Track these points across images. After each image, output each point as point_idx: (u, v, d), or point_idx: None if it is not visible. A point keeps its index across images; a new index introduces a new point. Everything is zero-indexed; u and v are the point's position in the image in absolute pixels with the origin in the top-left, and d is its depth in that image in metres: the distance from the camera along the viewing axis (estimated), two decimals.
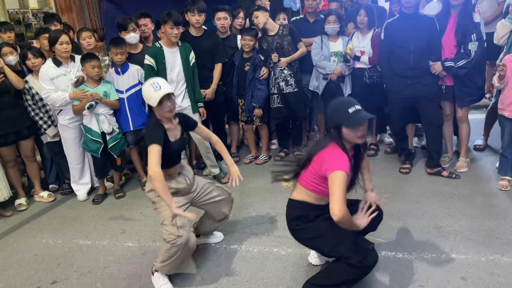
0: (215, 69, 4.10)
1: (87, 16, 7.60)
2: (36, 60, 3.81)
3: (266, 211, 3.44)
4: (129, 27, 3.97)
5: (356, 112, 2.11)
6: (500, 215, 3.04)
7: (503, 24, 3.53)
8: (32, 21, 9.96)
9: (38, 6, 10.39)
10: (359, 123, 2.10)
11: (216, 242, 3.04)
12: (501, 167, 3.45)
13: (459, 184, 3.58)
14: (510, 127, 3.29)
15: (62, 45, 3.68)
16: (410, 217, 3.15)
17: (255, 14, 4.11)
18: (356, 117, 2.10)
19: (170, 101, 2.48)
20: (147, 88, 2.49)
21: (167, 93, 2.44)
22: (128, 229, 3.37)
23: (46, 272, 2.89)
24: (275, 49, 4.16)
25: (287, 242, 2.96)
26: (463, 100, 3.63)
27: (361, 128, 2.12)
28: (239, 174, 2.72)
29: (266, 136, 4.59)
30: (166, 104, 2.46)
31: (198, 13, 3.85)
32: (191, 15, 3.88)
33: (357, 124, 2.11)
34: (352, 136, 2.13)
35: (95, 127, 3.81)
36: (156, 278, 2.61)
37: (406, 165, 3.95)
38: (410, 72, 3.61)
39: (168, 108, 2.47)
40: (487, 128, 4.30)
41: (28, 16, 10.07)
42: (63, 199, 4.11)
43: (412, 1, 3.54)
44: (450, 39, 3.52)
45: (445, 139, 3.99)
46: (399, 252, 2.72)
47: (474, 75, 3.52)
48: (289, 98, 4.23)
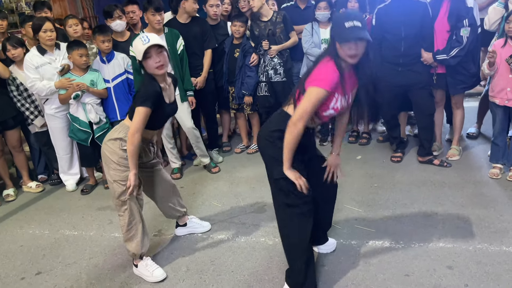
0: (205, 55, 4.02)
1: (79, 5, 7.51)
2: (15, 51, 3.73)
3: (254, 200, 3.41)
4: (115, 14, 3.89)
5: (351, 28, 1.90)
6: (490, 204, 3.01)
7: (495, 9, 3.46)
8: (26, 10, 9.83)
9: None
10: (347, 39, 1.91)
11: (203, 232, 3.00)
12: (492, 155, 3.42)
13: (450, 172, 3.55)
14: (501, 115, 3.25)
15: (46, 33, 3.61)
16: (399, 206, 3.11)
17: None
18: (348, 32, 1.91)
19: (160, 56, 2.30)
20: (136, 42, 2.34)
21: (153, 44, 2.27)
22: (116, 220, 3.33)
23: (32, 263, 2.87)
24: (266, 36, 4.09)
25: (275, 231, 2.91)
26: (455, 87, 3.57)
27: (352, 46, 1.93)
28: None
29: (257, 125, 4.53)
30: (154, 58, 2.29)
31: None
32: (193, 2, 3.80)
33: (345, 40, 1.92)
34: (343, 54, 1.95)
35: (82, 117, 3.75)
36: (142, 268, 2.57)
37: (398, 154, 3.91)
38: (401, 59, 3.55)
39: (156, 64, 2.29)
40: (481, 116, 4.26)
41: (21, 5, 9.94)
42: (51, 190, 4.07)
43: None
44: (443, 24, 3.45)
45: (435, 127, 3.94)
46: (386, 241, 2.69)
47: (467, 62, 3.46)
48: (277, 87, 4.18)
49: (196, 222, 3.02)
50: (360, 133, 4.55)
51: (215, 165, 4.12)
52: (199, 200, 3.52)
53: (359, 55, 1.97)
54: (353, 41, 1.92)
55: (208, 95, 4.18)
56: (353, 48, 1.94)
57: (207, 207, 3.38)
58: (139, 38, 2.33)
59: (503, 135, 3.32)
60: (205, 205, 3.42)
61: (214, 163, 4.14)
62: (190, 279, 2.53)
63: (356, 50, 1.94)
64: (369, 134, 4.49)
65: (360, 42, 1.94)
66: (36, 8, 4.54)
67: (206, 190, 3.69)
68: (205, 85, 4.07)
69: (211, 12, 4.08)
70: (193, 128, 3.90)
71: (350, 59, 1.97)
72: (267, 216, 3.15)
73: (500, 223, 2.77)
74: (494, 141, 3.36)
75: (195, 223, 3.02)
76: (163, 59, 2.32)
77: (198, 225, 3.02)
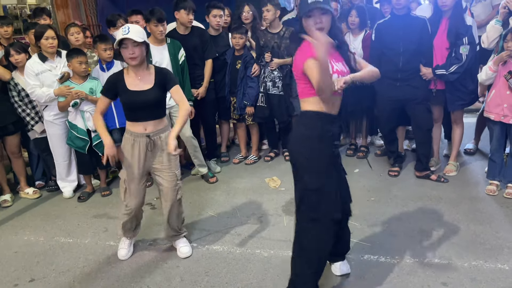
0: (205, 66, 4.05)
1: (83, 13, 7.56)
2: (19, 56, 3.76)
3: (251, 211, 3.41)
4: (118, 23, 3.95)
5: (313, 2, 2.02)
6: (485, 220, 3.01)
7: (493, 27, 3.48)
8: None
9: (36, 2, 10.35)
10: (310, 11, 2.02)
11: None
12: (489, 172, 3.42)
13: (447, 188, 3.55)
14: (498, 131, 3.27)
15: (47, 40, 3.64)
16: (395, 220, 3.11)
17: (267, 7, 4.04)
18: (310, 5, 2.03)
19: (135, 49, 2.42)
20: (118, 31, 2.48)
21: (127, 38, 2.38)
22: (111, 228, 3.33)
23: (25, 269, 2.86)
24: (271, 48, 4.12)
25: (270, 243, 2.92)
26: (454, 104, 3.59)
27: (316, 20, 2.03)
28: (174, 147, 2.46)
29: (257, 136, 4.56)
30: (129, 49, 2.42)
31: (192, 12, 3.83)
32: (185, 14, 3.81)
33: (308, 14, 2.04)
34: (308, 28, 2.05)
35: (81, 124, 3.77)
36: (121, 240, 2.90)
37: (395, 168, 3.92)
38: (399, 74, 3.57)
39: (130, 55, 2.43)
40: (478, 132, 4.27)
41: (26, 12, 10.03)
42: (48, 196, 4.07)
43: (402, 3, 3.51)
44: (442, 41, 3.48)
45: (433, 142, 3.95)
46: (381, 256, 2.68)
47: (465, 79, 3.49)
48: (273, 100, 4.20)
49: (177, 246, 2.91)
50: (358, 146, 4.56)
51: (212, 175, 4.12)
52: (195, 210, 3.52)
53: (325, 28, 2.07)
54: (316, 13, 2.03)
55: (209, 105, 4.20)
56: (318, 22, 2.05)
57: (203, 217, 3.38)
58: (122, 27, 2.46)
59: (500, 152, 3.33)
60: (202, 215, 3.41)
61: (211, 173, 4.14)
62: None
63: (321, 23, 2.04)
64: (367, 148, 4.50)
65: (323, 15, 2.05)
66: (35, 15, 4.58)
67: (203, 200, 3.69)
68: (205, 95, 4.09)
69: (214, 23, 4.13)
70: (192, 137, 3.91)
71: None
72: (263, 227, 3.14)
73: (496, 240, 2.76)
74: (491, 158, 3.37)
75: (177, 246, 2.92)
76: (138, 52, 2.44)
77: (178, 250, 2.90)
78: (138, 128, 2.56)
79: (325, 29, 2.09)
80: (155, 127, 2.58)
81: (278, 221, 3.22)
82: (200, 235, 3.11)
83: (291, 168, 2.22)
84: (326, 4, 2.07)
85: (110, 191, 4.03)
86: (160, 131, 2.60)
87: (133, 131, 2.58)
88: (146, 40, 2.51)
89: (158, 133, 2.59)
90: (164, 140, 2.60)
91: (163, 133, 2.61)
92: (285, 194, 3.67)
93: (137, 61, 2.48)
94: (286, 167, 4.27)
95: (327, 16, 2.07)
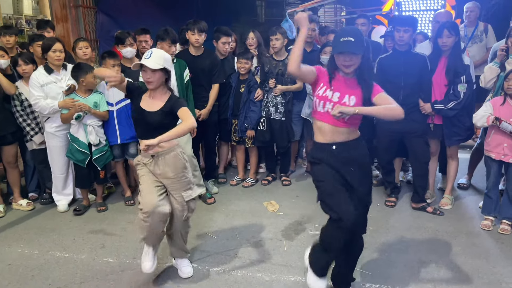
0: (212, 89, 4.11)
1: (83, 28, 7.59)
2: (26, 67, 3.77)
3: (251, 234, 3.41)
4: (127, 41, 3.99)
5: (344, 42, 2.21)
6: (482, 255, 3.06)
7: (491, 68, 3.65)
8: (25, 28, 9.89)
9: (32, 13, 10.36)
10: (338, 50, 2.25)
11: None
12: (485, 207, 3.51)
13: (443, 221, 3.62)
14: (496, 169, 3.37)
15: (55, 53, 3.67)
16: (394, 250, 3.15)
17: (277, 36, 4.17)
18: (341, 45, 2.23)
19: (151, 75, 2.54)
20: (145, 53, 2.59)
21: (145, 64, 2.50)
22: (108, 244, 3.29)
23: (20, 283, 2.78)
24: (275, 74, 4.22)
25: (271, 268, 2.92)
26: (451, 139, 3.71)
27: (345, 58, 2.24)
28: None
29: (255, 159, 4.59)
30: (146, 74, 2.55)
31: (199, 32, 3.90)
32: (191, 34, 3.92)
33: (337, 51, 2.26)
34: (338, 63, 2.29)
35: (82, 138, 3.76)
36: (144, 249, 2.72)
37: (392, 198, 3.98)
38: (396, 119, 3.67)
39: (147, 79, 2.55)
40: (471, 168, 4.39)
41: (21, 22, 10.01)
42: (42, 209, 4.00)
43: (405, 39, 3.66)
44: (441, 79, 3.62)
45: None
46: (382, 285, 2.70)
47: (462, 115, 3.62)
48: (274, 125, 4.27)
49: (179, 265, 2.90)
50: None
51: (210, 195, 4.12)
52: (194, 230, 3.47)
53: (352, 66, 2.27)
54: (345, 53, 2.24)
55: (210, 127, 4.24)
56: (346, 60, 2.25)
57: (202, 238, 3.36)
58: (147, 51, 2.57)
59: (496, 188, 3.43)
60: (200, 236, 3.39)
61: (209, 194, 4.14)
62: None
63: (348, 61, 2.25)
64: None
65: (352, 54, 2.23)
66: (39, 27, 4.61)
67: (201, 221, 3.67)
68: (208, 116, 4.13)
69: (222, 49, 4.23)
70: (192, 156, 3.92)
71: (344, 68, 2.29)
72: (264, 251, 3.14)
73: (493, 275, 2.82)
74: (488, 194, 3.46)
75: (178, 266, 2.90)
76: (153, 77, 2.56)
77: (180, 266, 2.88)
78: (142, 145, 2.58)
79: (353, 66, 2.29)
80: (160, 146, 2.58)
81: (278, 246, 3.23)
82: (200, 256, 3.09)
83: (289, 193, 2.35)
84: (357, 45, 2.23)
85: (106, 207, 3.98)
86: (164, 152, 2.60)
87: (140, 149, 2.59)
88: (167, 67, 2.57)
89: (163, 154, 2.60)
90: (169, 160, 2.61)
91: (168, 154, 2.61)
92: (284, 219, 3.68)
93: (153, 86, 2.58)
94: (284, 192, 4.31)
95: (356, 56, 2.26)
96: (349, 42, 2.21)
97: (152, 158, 2.59)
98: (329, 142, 2.33)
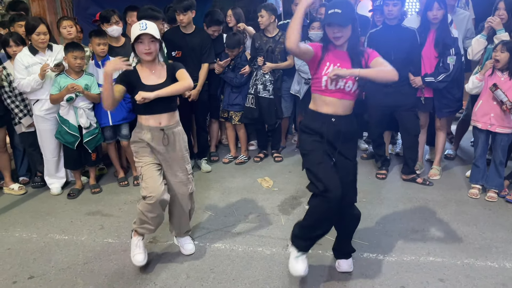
0: (201, 69, 4.07)
1: (59, 5, 7.34)
2: (17, 48, 3.67)
3: (248, 211, 3.46)
4: (112, 19, 3.90)
5: (332, 14, 2.22)
6: (472, 222, 3.20)
7: (478, 41, 3.72)
8: None
9: None
10: (325, 21, 2.28)
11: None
12: (472, 176, 3.64)
13: (432, 190, 3.74)
14: (483, 138, 3.48)
15: (39, 36, 3.58)
16: (388, 221, 3.26)
17: (261, 13, 4.14)
18: (328, 17, 2.24)
19: (151, 45, 2.48)
20: (134, 26, 2.51)
21: (146, 33, 2.44)
22: (107, 225, 3.29)
23: (22, 267, 2.78)
24: (265, 51, 4.20)
25: (271, 241, 2.99)
26: (442, 111, 3.80)
27: (334, 30, 2.25)
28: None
29: (244, 136, 4.60)
30: (145, 45, 2.48)
31: (183, 12, 3.85)
32: (176, 14, 3.86)
33: (326, 24, 2.28)
34: (329, 35, 2.30)
35: (72, 120, 3.70)
36: (133, 244, 2.71)
37: (383, 171, 4.08)
38: (389, 82, 3.72)
39: (145, 50, 2.49)
40: (458, 139, 4.52)
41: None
42: (34, 193, 3.96)
43: (395, 13, 3.68)
44: (431, 52, 3.68)
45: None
46: (380, 254, 2.81)
47: (452, 87, 3.71)
48: (263, 103, 4.28)
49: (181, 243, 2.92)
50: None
51: None
52: None
53: (342, 37, 2.27)
54: (333, 25, 2.25)
55: (201, 105, 4.22)
56: (335, 31, 2.26)
57: (200, 216, 3.40)
58: (138, 23, 2.51)
59: (483, 158, 3.55)
60: (198, 213, 3.42)
61: None
62: (191, 286, 2.54)
63: (337, 32, 2.26)
64: None
65: (340, 26, 2.24)
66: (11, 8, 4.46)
67: (197, 199, 3.64)
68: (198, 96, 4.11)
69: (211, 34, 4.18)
70: None
71: (334, 40, 2.30)
72: (262, 226, 3.20)
73: (483, 240, 2.95)
74: (475, 163, 3.58)
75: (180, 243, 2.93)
76: (153, 47, 2.51)
77: (184, 244, 2.91)
78: (152, 121, 2.56)
79: (343, 38, 2.27)
80: (169, 121, 2.59)
81: (276, 220, 3.30)
82: (200, 233, 3.13)
83: (281, 169, 2.36)
84: (344, 16, 2.21)
85: (100, 189, 3.97)
86: (173, 125, 2.62)
87: (147, 125, 2.57)
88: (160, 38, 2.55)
89: (172, 128, 2.61)
90: (177, 134, 2.63)
91: (176, 128, 2.64)
92: (279, 194, 3.74)
93: (152, 57, 2.53)
94: (276, 168, 4.37)
95: (345, 27, 2.25)
96: (336, 13, 2.21)
97: (164, 132, 2.57)
98: (330, 113, 2.34)
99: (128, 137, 3.98)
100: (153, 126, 2.56)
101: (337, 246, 2.65)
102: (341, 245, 2.63)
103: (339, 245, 2.64)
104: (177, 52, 3.99)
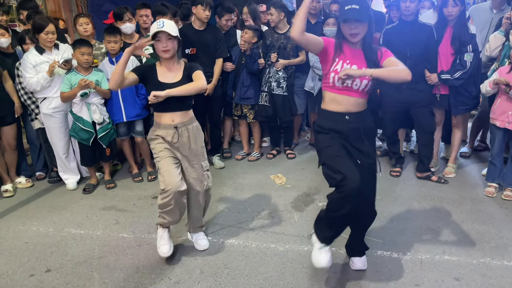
0: (216, 64, 4.09)
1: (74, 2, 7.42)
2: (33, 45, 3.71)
3: (261, 207, 3.47)
4: (125, 16, 3.94)
5: (349, 10, 2.17)
6: (488, 220, 3.16)
7: (496, 37, 3.66)
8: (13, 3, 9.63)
9: None
10: (342, 17, 2.21)
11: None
12: (489, 174, 3.58)
13: (447, 188, 3.70)
14: (501, 136, 3.42)
15: (47, 35, 3.61)
16: (402, 218, 3.23)
17: (270, 11, 4.14)
18: (346, 14, 2.18)
19: (168, 42, 2.50)
20: (153, 25, 2.53)
21: (163, 31, 2.45)
22: (122, 220, 3.33)
23: (39, 260, 2.83)
24: (277, 48, 4.19)
25: (284, 238, 2.99)
26: (458, 108, 3.75)
27: (351, 26, 2.20)
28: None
29: (258, 133, 4.61)
30: (162, 42, 2.49)
31: (209, 8, 3.89)
32: (202, 10, 3.87)
33: (343, 20, 2.22)
34: (345, 33, 2.25)
35: (86, 116, 3.75)
36: (158, 236, 2.76)
37: (397, 168, 4.05)
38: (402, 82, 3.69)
39: (163, 48, 2.50)
40: (473, 137, 4.46)
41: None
42: (50, 188, 4.02)
43: (411, 9, 3.64)
44: (448, 48, 3.63)
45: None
46: (394, 252, 2.79)
47: (469, 84, 3.65)
48: (277, 100, 4.27)
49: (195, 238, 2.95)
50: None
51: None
52: None
53: (358, 34, 2.22)
54: (350, 21, 2.19)
55: (216, 101, 4.24)
56: (352, 28, 2.21)
57: (213, 212, 3.41)
58: (156, 21, 2.52)
59: (500, 156, 3.50)
60: (211, 209, 3.44)
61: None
62: (205, 282, 2.55)
63: (354, 29, 2.21)
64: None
65: (357, 22, 2.19)
66: (22, 6, 4.51)
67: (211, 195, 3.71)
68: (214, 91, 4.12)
69: (224, 25, 4.22)
70: None
71: (351, 38, 2.24)
72: (275, 223, 3.21)
73: (500, 239, 2.91)
74: (492, 161, 3.53)
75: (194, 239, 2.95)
76: (170, 45, 2.52)
77: (198, 239, 2.93)
78: (165, 119, 2.59)
79: (360, 35, 2.23)
80: (182, 118, 2.61)
81: (289, 217, 3.30)
82: (214, 229, 3.15)
83: (294, 165, 2.31)
84: (362, 12, 2.17)
85: (114, 184, 4.01)
86: (187, 122, 2.63)
87: (161, 122, 2.60)
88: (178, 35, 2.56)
89: (186, 124, 2.63)
90: (191, 131, 2.64)
91: (191, 125, 2.65)
92: (292, 191, 3.74)
93: (170, 54, 2.54)
94: (289, 165, 4.36)
95: (362, 24, 2.21)
96: (354, 9, 2.17)
97: (176, 130, 2.59)
98: (343, 111, 2.32)
99: (142, 134, 4.02)
100: (166, 124, 2.59)
101: (350, 244, 2.64)
102: (354, 243, 2.62)
103: (352, 242, 2.62)
104: (192, 49, 4.00)
